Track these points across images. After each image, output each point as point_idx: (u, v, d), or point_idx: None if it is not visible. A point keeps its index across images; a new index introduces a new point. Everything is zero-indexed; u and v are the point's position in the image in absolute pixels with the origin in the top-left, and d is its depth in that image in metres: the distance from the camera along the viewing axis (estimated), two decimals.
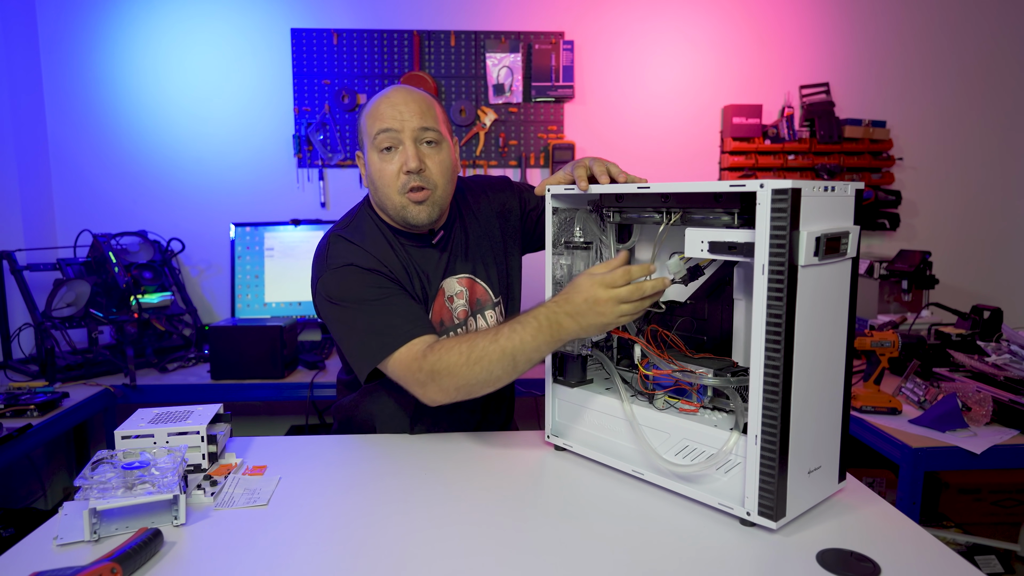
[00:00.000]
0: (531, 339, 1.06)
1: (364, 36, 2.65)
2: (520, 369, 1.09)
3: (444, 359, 1.11)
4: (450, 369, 1.10)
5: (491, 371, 1.09)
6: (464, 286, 1.38)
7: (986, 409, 1.59)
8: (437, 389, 1.13)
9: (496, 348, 1.08)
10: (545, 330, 1.05)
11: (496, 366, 1.08)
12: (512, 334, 1.07)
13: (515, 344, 1.07)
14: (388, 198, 1.28)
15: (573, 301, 1.03)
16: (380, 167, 1.27)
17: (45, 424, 1.78)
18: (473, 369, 1.09)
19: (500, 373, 1.09)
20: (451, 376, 1.10)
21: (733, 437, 0.96)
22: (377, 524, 0.98)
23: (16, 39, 2.47)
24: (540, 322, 1.06)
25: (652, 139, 2.77)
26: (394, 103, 1.26)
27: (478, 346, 1.09)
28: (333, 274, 1.25)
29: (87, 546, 0.92)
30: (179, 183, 2.69)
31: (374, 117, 1.27)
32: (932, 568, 0.86)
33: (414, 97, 1.28)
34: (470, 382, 1.10)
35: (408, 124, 1.25)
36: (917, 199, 2.85)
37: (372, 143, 1.27)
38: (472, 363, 1.09)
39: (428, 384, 1.13)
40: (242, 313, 2.56)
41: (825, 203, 0.92)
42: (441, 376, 1.11)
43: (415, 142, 1.26)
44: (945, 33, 2.78)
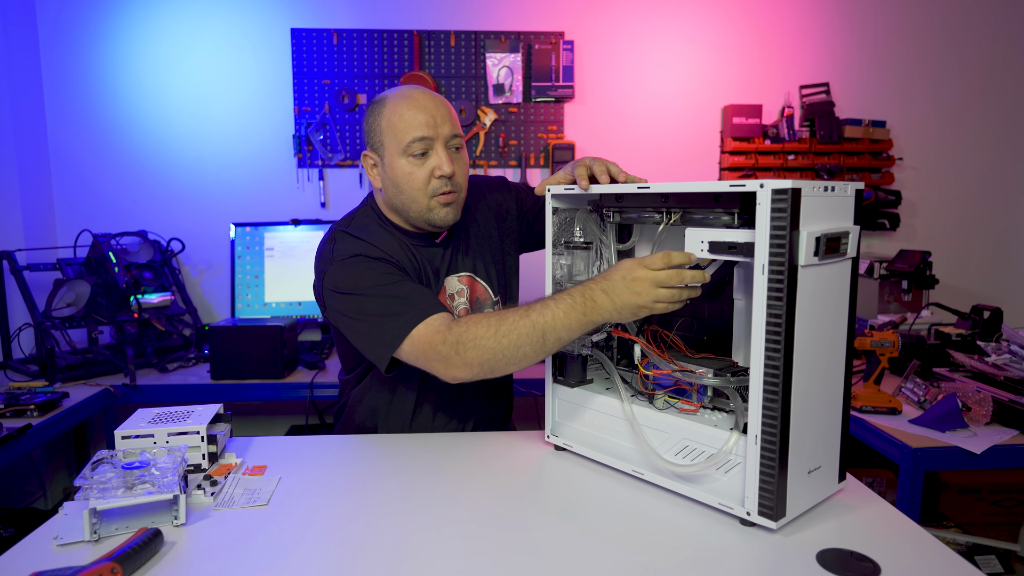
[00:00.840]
0: (563, 315, 1.04)
1: (364, 36, 2.65)
2: (549, 347, 1.06)
3: (471, 330, 1.07)
4: (477, 340, 1.06)
5: (519, 345, 1.05)
6: (465, 284, 1.39)
7: (986, 409, 1.59)
8: (461, 362, 1.08)
9: (527, 322, 1.05)
10: (579, 306, 1.03)
11: (524, 340, 1.05)
12: (544, 309, 1.05)
13: (546, 319, 1.04)
14: (415, 201, 1.28)
15: (611, 278, 1.02)
16: (410, 171, 1.26)
17: (45, 424, 1.78)
18: (501, 342, 1.05)
19: (528, 349, 1.06)
20: (477, 348, 1.07)
21: (733, 437, 0.96)
22: (377, 524, 0.98)
23: (16, 39, 2.47)
24: (575, 298, 1.04)
25: (652, 139, 2.77)
26: (424, 107, 1.26)
27: (507, 319, 1.07)
28: (339, 266, 1.24)
29: (87, 546, 0.92)
30: (179, 183, 2.69)
31: (404, 122, 1.25)
32: (932, 568, 0.86)
33: (442, 102, 1.29)
34: (496, 355, 1.06)
35: (441, 131, 1.26)
36: (917, 199, 2.85)
37: (403, 149, 1.25)
38: (500, 335, 1.06)
39: (452, 357, 1.09)
40: (242, 313, 2.56)
41: (825, 203, 0.92)
42: (467, 347, 1.07)
43: (446, 148, 1.27)
44: (945, 33, 2.78)
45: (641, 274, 0.99)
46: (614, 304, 1.01)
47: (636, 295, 0.99)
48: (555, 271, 1.24)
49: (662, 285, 0.99)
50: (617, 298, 1.01)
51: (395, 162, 1.27)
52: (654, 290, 0.99)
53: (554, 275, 1.24)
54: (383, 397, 1.38)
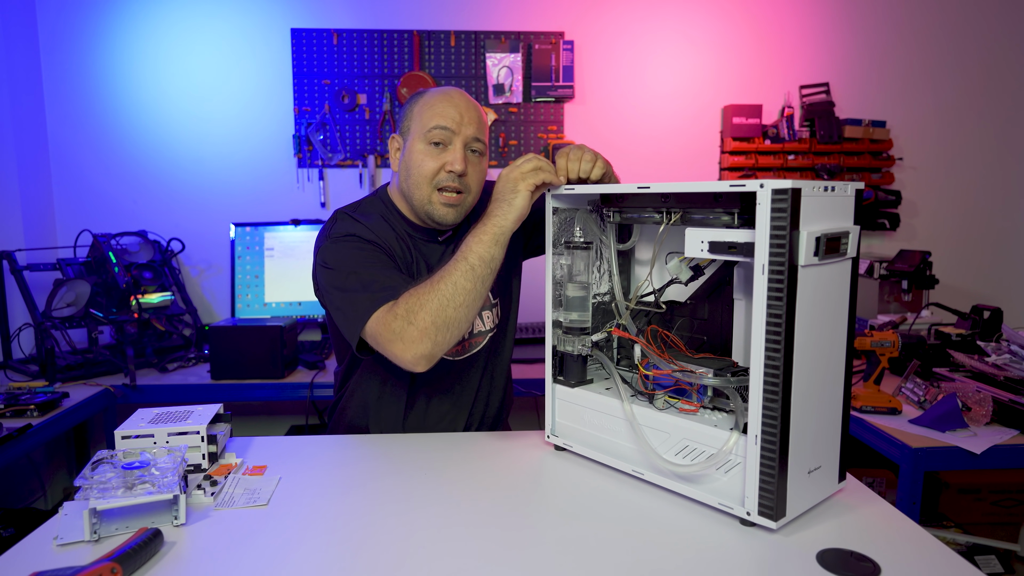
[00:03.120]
0: (474, 240, 1.15)
1: (364, 36, 2.65)
2: (479, 273, 1.14)
3: (411, 296, 1.14)
4: (419, 300, 1.12)
5: (455, 281, 1.12)
6: None
7: (986, 409, 1.59)
8: (415, 331, 1.11)
9: (451, 264, 1.15)
10: (481, 227, 1.16)
11: (457, 274, 1.13)
12: (461, 246, 1.17)
13: (464, 250, 1.15)
14: (419, 187, 1.30)
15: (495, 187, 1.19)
16: (422, 159, 1.29)
17: (45, 424, 1.78)
18: (439, 288, 1.12)
19: (463, 282, 1.13)
20: (422, 307, 1.11)
21: (733, 437, 0.96)
22: (377, 524, 0.98)
23: (16, 39, 2.47)
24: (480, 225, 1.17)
25: (652, 139, 2.77)
26: (457, 104, 1.29)
27: (438, 272, 1.16)
28: (332, 242, 1.28)
29: (87, 546, 0.91)
30: (179, 183, 2.69)
31: (433, 111, 1.29)
32: (932, 568, 0.86)
33: (474, 106, 1.33)
34: (441, 304, 1.11)
35: (465, 129, 1.29)
36: (917, 199, 2.85)
37: (423, 133, 1.29)
38: (435, 284, 1.13)
39: (405, 329, 1.11)
40: (242, 313, 2.56)
41: (825, 203, 0.92)
42: (413, 312, 1.11)
43: (465, 147, 1.29)
44: (945, 33, 2.78)
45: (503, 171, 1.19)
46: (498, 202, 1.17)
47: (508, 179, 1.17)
48: (555, 271, 1.24)
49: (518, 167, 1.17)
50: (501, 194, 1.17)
51: (414, 146, 1.30)
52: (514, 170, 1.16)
53: (554, 275, 1.24)
54: (373, 391, 1.38)
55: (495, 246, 1.15)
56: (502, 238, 1.16)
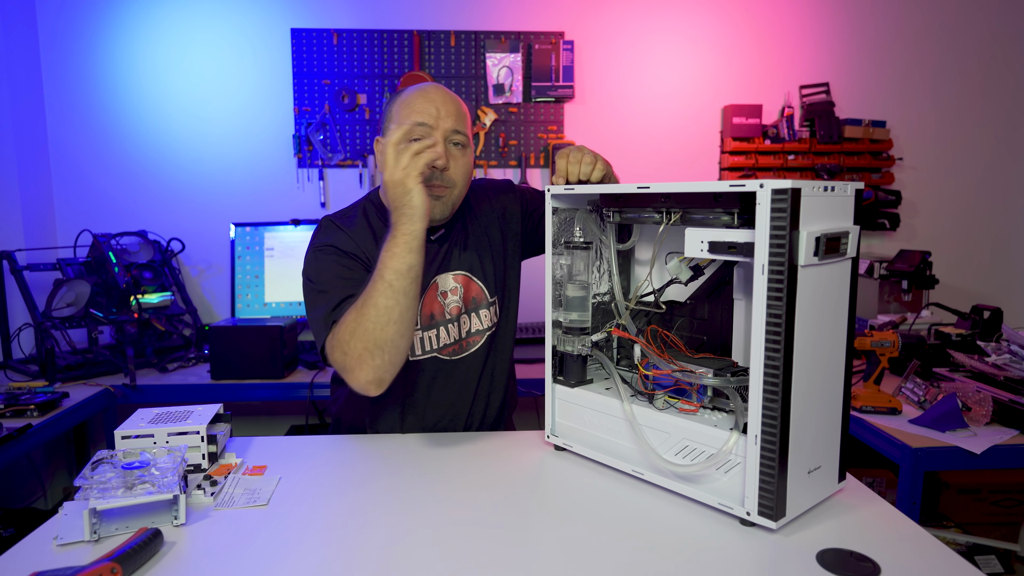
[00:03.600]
0: (386, 253, 1.13)
1: (364, 36, 2.65)
2: (398, 287, 1.11)
3: (341, 325, 1.14)
4: (348, 329, 1.12)
5: (375, 303, 1.11)
6: (459, 283, 1.39)
7: (986, 409, 1.59)
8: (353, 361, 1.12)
9: (370, 285, 1.13)
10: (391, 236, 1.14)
11: (378, 297, 1.11)
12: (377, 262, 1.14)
13: (379, 267, 1.13)
14: None
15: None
16: None
17: (45, 424, 1.78)
18: (363, 313, 1.11)
19: (385, 301, 1.11)
20: (352, 335, 1.12)
21: (733, 437, 0.96)
22: (377, 524, 0.98)
23: (16, 39, 2.47)
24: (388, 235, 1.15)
25: (652, 139, 2.77)
26: (432, 99, 1.29)
27: (360, 296, 1.14)
28: (314, 252, 1.30)
29: (87, 546, 0.91)
30: (179, 183, 2.69)
31: (410, 108, 1.28)
32: (932, 568, 0.86)
33: (452, 98, 1.31)
34: (368, 328, 1.11)
35: (443, 123, 1.28)
36: (917, 199, 2.85)
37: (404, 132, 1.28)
38: (359, 310, 1.12)
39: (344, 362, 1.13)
40: (242, 313, 2.56)
41: (825, 203, 0.92)
42: (345, 343, 1.12)
43: (446, 141, 1.29)
44: (945, 33, 2.78)
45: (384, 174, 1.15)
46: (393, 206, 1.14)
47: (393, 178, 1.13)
48: (555, 271, 1.24)
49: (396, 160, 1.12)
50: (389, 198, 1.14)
51: None
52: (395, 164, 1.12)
53: (554, 275, 1.24)
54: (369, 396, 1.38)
55: (409, 254, 1.13)
56: (414, 243, 1.13)
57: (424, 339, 1.36)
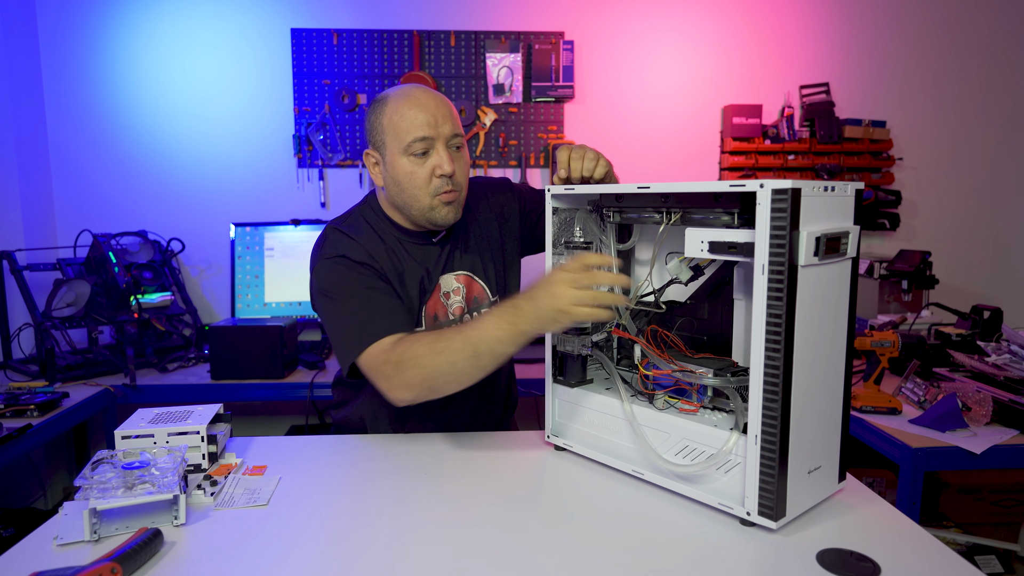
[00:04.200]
0: (493, 327, 1.05)
1: (364, 36, 2.65)
2: (483, 363, 1.07)
3: (411, 348, 1.11)
4: (415, 358, 1.09)
5: (453, 361, 1.07)
6: (462, 283, 1.39)
7: (986, 409, 1.59)
8: (401, 381, 1.12)
9: (460, 337, 1.07)
10: (507, 315, 1.04)
11: (458, 355, 1.07)
12: (475, 323, 1.08)
13: (477, 333, 1.06)
14: (417, 199, 1.29)
15: (534, 285, 1.04)
16: (411, 171, 1.27)
17: (45, 424, 1.78)
18: (437, 359, 1.08)
19: (463, 365, 1.07)
20: (415, 366, 1.09)
21: (733, 437, 0.96)
22: (377, 524, 0.98)
23: (16, 39, 2.47)
24: (503, 308, 1.06)
25: (652, 139, 2.77)
26: (426, 107, 1.26)
27: (444, 336, 1.09)
28: (324, 264, 1.28)
29: (87, 546, 0.92)
30: (179, 183, 2.69)
31: (406, 122, 1.25)
32: (932, 568, 0.86)
33: (443, 102, 1.29)
34: (433, 373, 1.09)
35: (442, 131, 1.27)
36: (917, 199, 2.85)
37: (404, 148, 1.26)
38: (436, 352, 1.08)
39: (393, 376, 1.12)
40: (242, 313, 2.56)
41: (825, 203, 0.92)
42: (406, 366, 1.10)
43: (447, 148, 1.28)
44: (945, 33, 2.78)
45: (558, 276, 1.00)
46: (537, 310, 1.01)
47: (554, 297, 0.99)
48: None
49: (576, 285, 0.98)
50: (540, 303, 1.01)
51: (396, 161, 1.28)
52: (569, 291, 0.98)
53: None
54: (374, 398, 1.37)
55: (511, 346, 1.06)
56: (523, 341, 1.05)
57: None
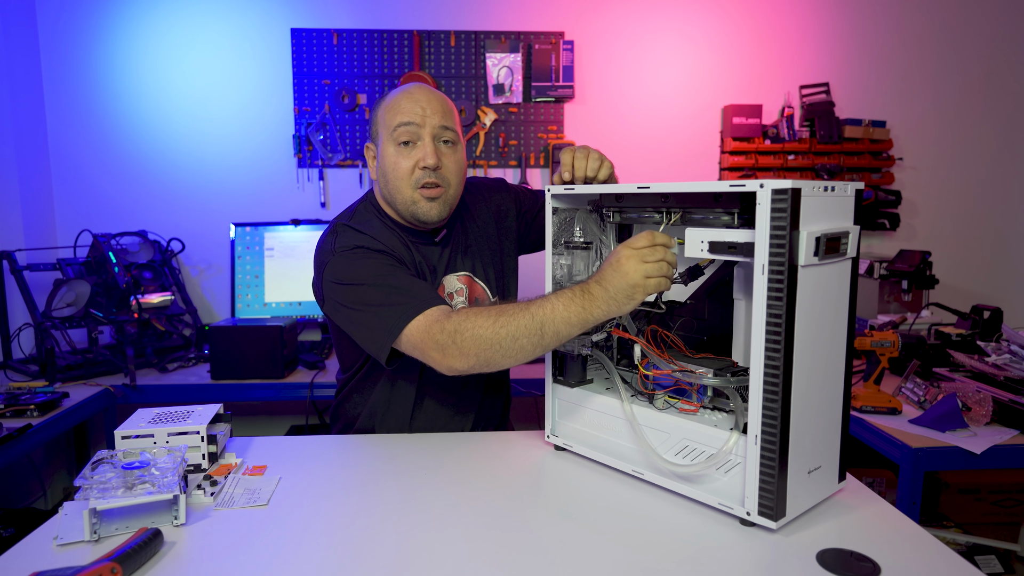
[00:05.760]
0: (562, 308, 1.03)
1: (364, 36, 2.65)
2: (547, 341, 1.05)
3: (470, 319, 1.07)
4: (475, 329, 1.06)
5: (516, 336, 1.04)
6: (464, 284, 1.39)
7: (986, 409, 1.59)
8: (458, 352, 1.07)
9: (526, 315, 1.04)
10: (577, 299, 1.02)
11: (522, 331, 1.04)
12: (544, 303, 1.05)
13: (545, 312, 1.04)
14: (399, 191, 1.28)
15: (602, 269, 1.02)
16: (396, 160, 1.27)
17: (45, 424, 1.78)
18: (499, 332, 1.05)
19: (525, 341, 1.04)
20: (475, 337, 1.06)
21: (733, 437, 0.96)
22: (377, 524, 0.98)
23: (16, 39, 2.47)
24: (573, 292, 1.03)
25: (652, 139, 2.77)
26: (417, 99, 1.27)
27: (507, 311, 1.06)
28: (341, 257, 1.24)
29: (87, 546, 0.92)
30: (179, 183, 2.69)
31: (395, 110, 1.27)
32: (932, 568, 0.86)
33: (437, 96, 1.30)
34: (494, 345, 1.05)
35: (429, 121, 1.27)
36: (917, 199, 2.85)
37: (390, 135, 1.27)
38: (499, 326, 1.05)
39: (449, 347, 1.08)
40: (242, 313, 2.56)
41: (825, 203, 0.92)
42: (464, 336, 1.06)
43: (434, 139, 1.28)
44: (945, 33, 2.78)
45: (625, 253, 0.99)
46: (607, 292, 1.00)
47: (625, 275, 0.99)
48: (555, 271, 1.24)
49: (646, 260, 0.98)
50: (610, 284, 1.00)
51: (385, 150, 1.29)
52: (641, 265, 0.98)
53: (554, 275, 1.24)
54: (382, 395, 1.38)
55: (576, 328, 1.04)
56: (589, 326, 1.05)
57: None
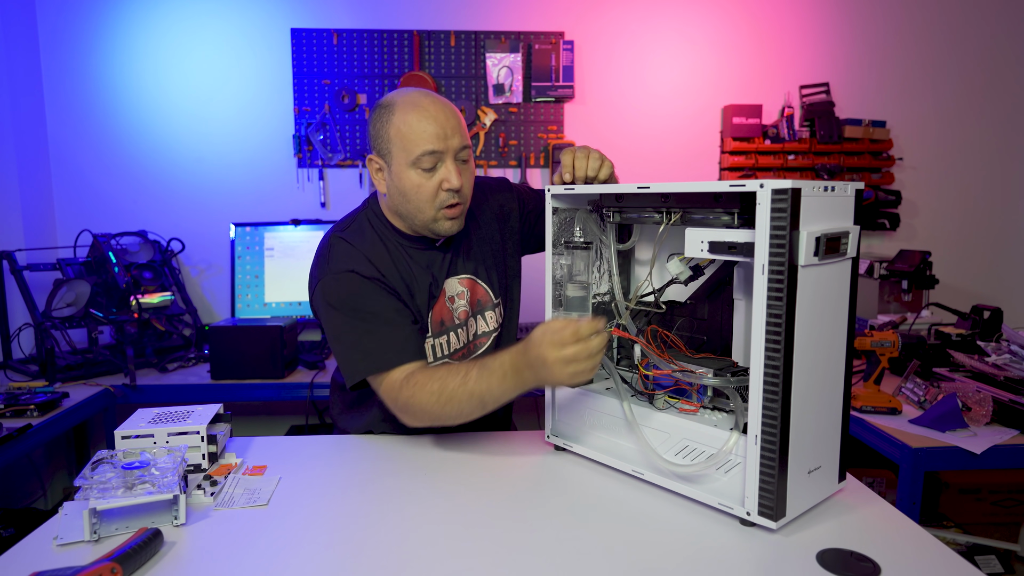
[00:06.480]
0: (498, 384, 1.11)
1: (364, 36, 2.65)
2: (489, 408, 1.14)
3: (417, 397, 1.16)
4: (423, 407, 1.16)
5: (460, 410, 1.15)
6: (465, 287, 1.38)
7: (986, 409, 1.59)
8: (409, 418, 1.20)
9: (465, 391, 1.13)
10: (510, 377, 1.10)
11: (465, 406, 1.14)
12: (480, 379, 1.12)
13: (483, 388, 1.12)
14: (421, 212, 1.26)
15: (529, 355, 1.06)
16: (419, 183, 1.23)
17: (45, 424, 1.78)
18: (444, 408, 1.15)
19: (470, 411, 1.15)
20: (423, 412, 1.17)
21: (733, 437, 0.96)
22: (377, 524, 0.98)
23: (16, 39, 2.47)
24: (505, 370, 1.11)
25: (652, 139, 2.77)
26: (435, 118, 1.22)
27: (448, 387, 1.14)
28: (333, 279, 1.25)
29: (87, 546, 0.92)
30: (179, 183, 2.69)
31: (416, 135, 1.21)
32: (932, 568, 0.86)
33: (450, 111, 1.25)
34: (441, 418, 1.17)
35: (451, 143, 1.23)
36: (917, 199, 2.85)
37: (411, 161, 1.22)
38: (443, 403, 1.14)
39: (401, 413, 1.20)
40: (242, 313, 2.56)
41: (825, 203, 0.92)
42: (414, 411, 1.18)
43: (455, 160, 1.25)
44: (945, 33, 2.78)
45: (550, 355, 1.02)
46: (537, 378, 1.07)
47: (551, 374, 1.04)
48: (555, 271, 1.24)
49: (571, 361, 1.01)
50: (538, 373, 1.06)
51: (403, 172, 1.24)
52: (566, 367, 1.02)
53: (554, 275, 1.24)
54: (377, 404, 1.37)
55: (513, 393, 1.12)
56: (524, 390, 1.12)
57: (435, 346, 1.34)
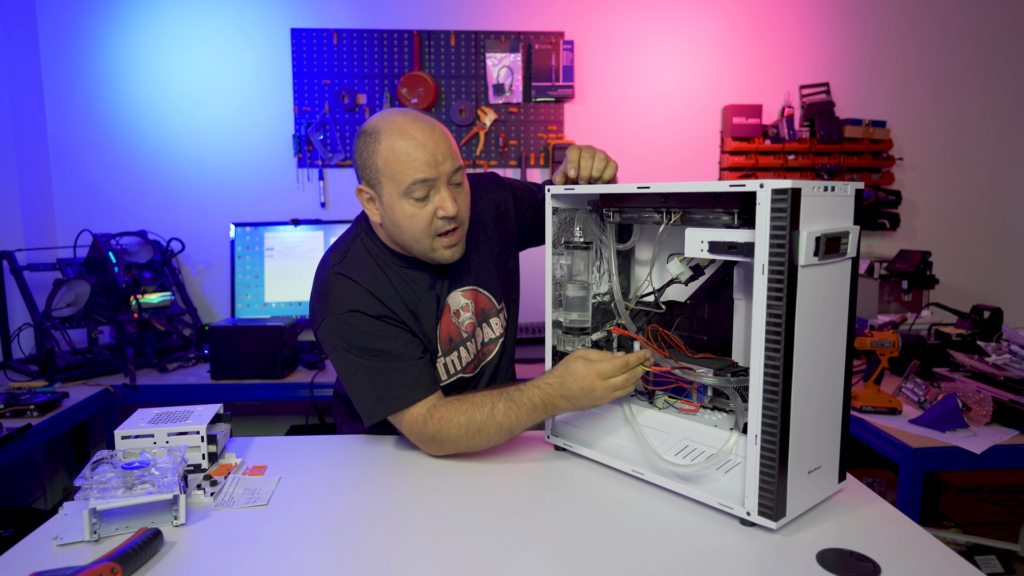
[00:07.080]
0: (527, 417, 1.15)
1: (364, 36, 2.65)
2: (513, 433, 1.19)
3: (444, 431, 1.18)
4: (450, 440, 1.19)
5: (489, 441, 1.18)
6: (469, 298, 1.36)
7: (986, 409, 1.59)
8: (437, 450, 1.22)
9: (493, 424, 1.16)
10: (540, 410, 1.15)
11: (494, 437, 1.18)
12: (508, 412, 1.15)
13: (511, 421, 1.16)
14: (418, 241, 1.23)
15: (569, 388, 1.10)
16: (412, 213, 1.20)
17: (45, 424, 1.78)
18: (473, 439, 1.18)
19: (497, 441, 1.19)
20: (451, 444, 1.20)
21: (733, 437, 0.96)
22: (377, 524, 0.98)
23: (16, 39, 2.47)
24: (535, 404, 1.14)
25: (652, 139, 2.77)
26: (424, 145, 1.17)
27: (475, 420, 1.17)
28: (338, 320, 1.22)
29: (87, 546, 0.92)
30: (179, 183, 2.69)
31: (404, 163, 1.16)
32: (932, 568, 0.86)
33: (441, 135, 1.20)
34: (468, 448, 1.20)
35: (443, 169, 1.18)
36: (917, 199, 2.85)
37: (402, 191, 1.18)
38: (471, 435, 1.17)
39: (429, 445, 1.22)
40: (242, 313, 2.56)
41: (825, 203, 0.92)
42: (442, 443, 1.20)
43: (448, 185, 1.21)
44: (945, 33, 2.78)
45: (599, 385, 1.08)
46: (574, 406, 1.13)
47: (596, 400, 1.10)
48: (555, 271, 1.24)
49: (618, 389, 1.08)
50: (578, 402, 1.11)
51: (395, 203, 1.20)
52: (612, 393, 1.09)
53: (554, 275, 1.24)
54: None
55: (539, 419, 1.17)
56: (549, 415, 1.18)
57: (447, 364, 1.33)
